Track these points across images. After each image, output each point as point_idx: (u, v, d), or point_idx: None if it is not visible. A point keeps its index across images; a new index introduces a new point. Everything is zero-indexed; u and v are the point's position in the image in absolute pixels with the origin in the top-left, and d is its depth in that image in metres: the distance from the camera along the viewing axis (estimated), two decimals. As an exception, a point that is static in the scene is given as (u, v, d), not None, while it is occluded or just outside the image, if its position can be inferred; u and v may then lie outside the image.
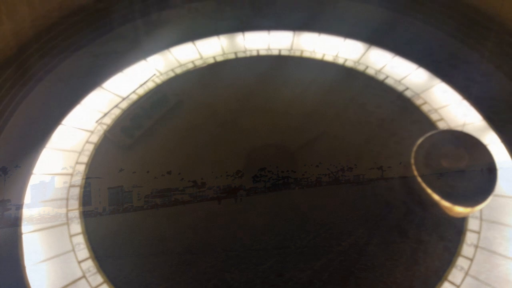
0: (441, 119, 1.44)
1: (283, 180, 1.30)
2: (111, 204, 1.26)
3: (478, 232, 1.18)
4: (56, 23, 1.61)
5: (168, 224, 1.24)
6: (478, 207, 1.13)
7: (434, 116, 1.45)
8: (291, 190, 1.29)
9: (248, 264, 1.15)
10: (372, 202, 1.26)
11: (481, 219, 1.21)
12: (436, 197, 1.15)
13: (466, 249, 1.16)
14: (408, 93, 1.52)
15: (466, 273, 1.12)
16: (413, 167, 1.19)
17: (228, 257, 1.16)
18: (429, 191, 1.16)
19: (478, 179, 1.15)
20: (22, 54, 1.52)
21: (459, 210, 1.14)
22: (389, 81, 1.56)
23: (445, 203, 1.14)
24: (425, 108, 1.47)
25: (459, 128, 1.39)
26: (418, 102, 1.49)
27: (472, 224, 1.20)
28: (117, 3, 1.68)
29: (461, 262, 1.14)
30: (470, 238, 1.17)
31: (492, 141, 1.37)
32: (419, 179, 1.18)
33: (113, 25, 1.66)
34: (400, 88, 1.54)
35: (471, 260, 1.14)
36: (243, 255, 1.16)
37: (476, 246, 1.16)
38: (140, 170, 1.33)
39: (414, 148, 1.22)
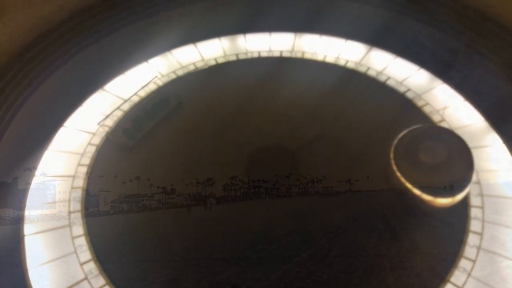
0: (443, 120, 1.44)
1: (254, 189, 1.30)
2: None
3: (481, 234, 1.18)
4: (57, 26, 1.61)
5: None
6: (459, 196, 1.14)
7: (435, 118, 1.45)
8: (260, 200, 1.28)
9: (205, 273, 1.13)
10: (337, 214, 1.26)
11: (483, 221, 1.20)
12: (416, 192, 1.16)
13: (469, 250, 1.15)
14: (409, 95, 1.51)
15: (469, 275, 1.11)
16: (392, 162, 1.20)
17: (186, 266, 1.15)
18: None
19: (455, 169, 1.15)
20: (23, 57, 1.52)
21: (441, 202, 1.15)
22: (390, 83, 1.56)
23: (426, 197, 1.15)
24: (426, 109, 1.47)
25: (444, 126, 1.39)
26: (419, 103, 1.49)
27: (474, 226, 1.20)
28: (118, 6, 1.68)
29: (463, 263, 1.13)
30: (472, 239, 1.17)
31: (493, 142, 1.37)
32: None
33: (114, 27, 1.66)
34: (401, 89, 1.53)
35: (474, 261, 1.13)
36: (202, 264, 1.15)
37: (479, 248, 1.16)
38: (133, 172, 1.33)
39: (394, 142, 1.22)
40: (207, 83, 1.59)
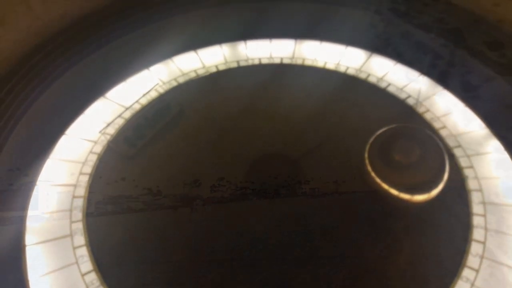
0: (444, 127, 1.44)
1: (241, 190, 1.29)
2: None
3: (483, 242, 1.18)
4: (59, 33, 1.61)
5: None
6: (434, 192, 1.17)
7: (436, 124, 1.44)
8: (248, 201, 1.27)
9: (187, 276, 1.13)
10: (324, 216, 1.25)
11: (486, 229, 1.20)
12: (393, 192, 1.18)
13: (472, 259, 1.15)
14: (410, 101, 1.51)
15: (472, 284, 1.11)
16: (366, 161, 1.22)
17: (169, 269, 1.14)
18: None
19: (428, 166, 1.17)
20: (25, 64, 1.53)
21: (418, 198, 1.18)
22: (391, 89, 1.56)
23: (404, 196, 1.17)
24: (427, 116, 1.47)
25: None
26: (420, 110, 1.49)
27: (477, 234, 1.19)
28: (119, 13, 1.69)
29: (466, 273, 1.13)
30: (475, 248, 1.17)
31: (495, 149, 1.36)
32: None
33: (115, 35, 1.66)
34: (402, 96, 1.53)
35: (477, 271, 1.13)
36: (187, 266, 1.15)
37: (482, 257, 1.15)
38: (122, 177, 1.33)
39: (370, 140, 1.24)
40: (208, 90, 1.59)
